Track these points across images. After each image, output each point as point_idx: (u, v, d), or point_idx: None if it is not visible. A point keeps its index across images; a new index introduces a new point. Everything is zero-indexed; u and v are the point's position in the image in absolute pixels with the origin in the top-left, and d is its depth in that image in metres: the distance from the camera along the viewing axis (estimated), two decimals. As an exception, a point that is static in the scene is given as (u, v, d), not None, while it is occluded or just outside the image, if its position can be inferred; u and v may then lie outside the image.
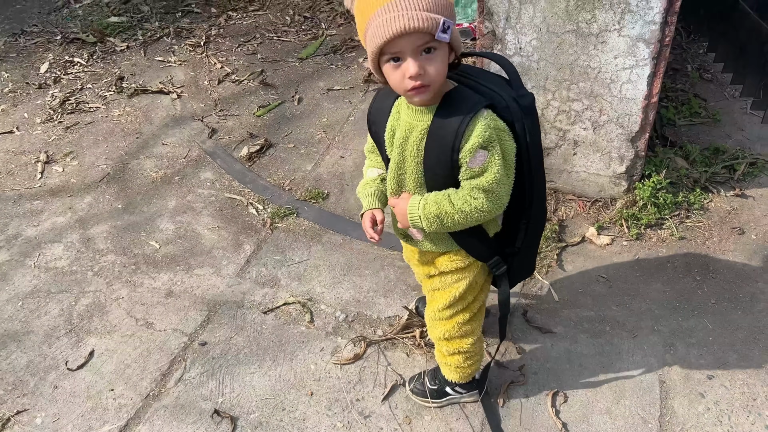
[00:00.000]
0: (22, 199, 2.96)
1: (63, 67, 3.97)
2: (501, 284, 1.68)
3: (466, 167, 1.37)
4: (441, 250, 1.63)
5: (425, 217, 1.46)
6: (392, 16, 1.20)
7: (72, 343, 2.26)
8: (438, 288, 1.69)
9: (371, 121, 1.56)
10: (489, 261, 1.63)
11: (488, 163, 1.36)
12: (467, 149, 1.34)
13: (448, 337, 1.74)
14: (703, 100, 3.10)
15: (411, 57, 1.25)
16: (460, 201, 1.41)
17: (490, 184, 1.37)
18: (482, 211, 1.41)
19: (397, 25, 1.20)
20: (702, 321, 2.16)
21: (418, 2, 1.21)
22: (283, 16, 4.33)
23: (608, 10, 2.14)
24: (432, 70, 1.27)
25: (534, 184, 1.49)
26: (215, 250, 2.59)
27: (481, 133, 1.33)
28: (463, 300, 1.68)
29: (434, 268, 1.67)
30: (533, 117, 1.43)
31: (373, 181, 1.64)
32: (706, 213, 2.54)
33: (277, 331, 2.23)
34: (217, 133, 3.30)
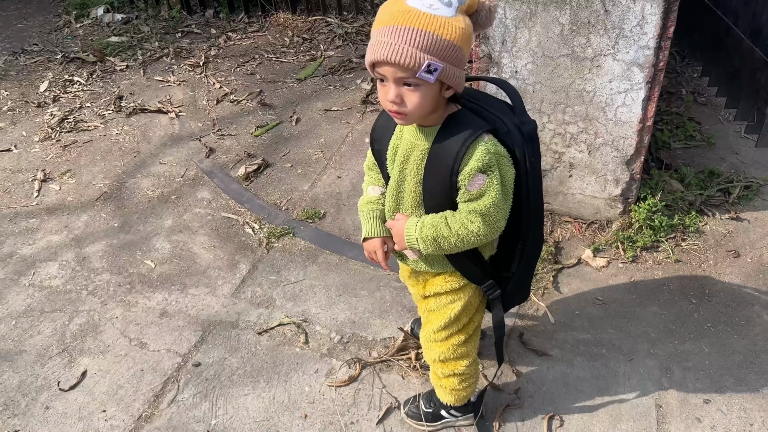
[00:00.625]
0: (18, 217, 2.96)
1: (62, 86, 3.99)
2: (494, 308, 1.68)
3: (464, 190, 1.38)
4: (435, 271, 1.63)
5: (422, 239, 1.46)
6: (384, 41, 1.22)
7: (65, 363, 2.24)
8: (433, 309, 1.69)
9: (374, 138, 1.57)
10: (483, 284, 1.62)
11: (486, 187, 1.37)
12: (466, 172, 1.35)
13: (443, 359, 1.73)
14: (698, 123, 3.13)
15: (392, 82, 1.28)
16: (456, 224, 1.41)
17: (487, 208, 1.38)
18: (478, 235, 1.41)
19: (381, 52, 1.22)
20: (698, 344, 2.15)
21: (412, 37, 1.21)
22: (282, 38, 4.37)
23: (603, 35, 2.16)
24: (410, 102, 1.29)
25: (531, 210, 1.49)
26: (211, 270, 2.59)
27: (481, 157, 1.34)
28: (458, 321, 1.68)
29: (429, 289, 1.67)
30: (534, 144, 1.44)
31: (377, 201, 1.64)
32: (702, 236, 2.55)
33: (272, 352, 2.21)
34: (214, 152, 3.31)
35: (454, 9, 1.24)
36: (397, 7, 1.24)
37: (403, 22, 1.21)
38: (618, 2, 2.07)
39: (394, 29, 1.22)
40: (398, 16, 1.22)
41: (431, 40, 1.21)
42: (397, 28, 1.22)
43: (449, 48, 1.23)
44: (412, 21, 1.21)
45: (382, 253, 1.61)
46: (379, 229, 1.62)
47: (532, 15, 2.21)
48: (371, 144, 1.59)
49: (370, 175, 1.68)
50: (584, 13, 2.14)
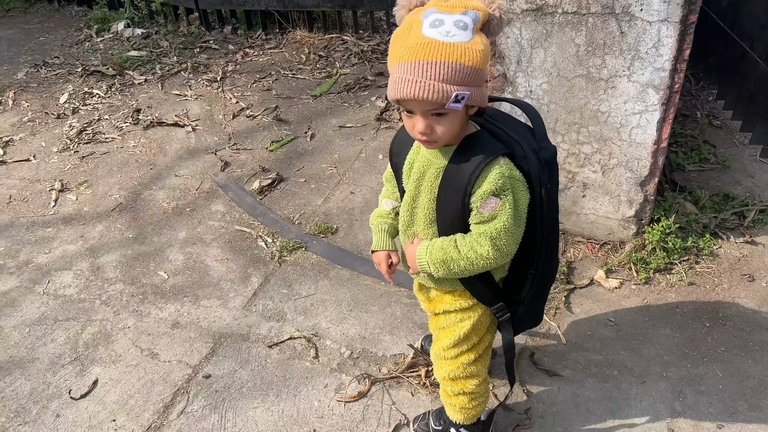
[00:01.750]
0: (35, 226, 3.00)
1: (82, 99, 4.05)
2: (504, 331, 1.67)
3: (476, 212, 1.38)
4: (445, 289, 1.63)
5: (432, 262, 1.47)
6: (408, 78, 1.22)
7: (76, 371, 2.25)
8: (443, 326, 1.69)
9: (393, 152, 1.59)
10: (493, 306, 1.62)
11: (498, 211, 1.37)
12: (479, 194, 1.36)
13: (453, 377, 1.73)
14: (713, 146, 3.12)
15: (421, 116, 1.30)
16: (466, 247, 1.41)
17: (498, 231, 1.38)
18: (488, 259, 1.41)
19: (408, 91, 1.23)
20: (712, 368, 2.13)
21: (439, 71, 1.21)
22: (299, 55, 4.42)
23: (618, 57, 2.17)
24: (440, 130, 1.31)
25: (544, 237, 1.48)
26: (223, 282, 2.60)
27: (495, 180, 1.34)
28: (468, 340, 1.67)
29: (439, 306, 1.67)
30: (552, 170, 1.43)
31: (387, 215, 1.66)
32: (716, 259, 2.53)
33: (282, 366, 2.22)
34: (229, 166, 3.34)
35: (470, 31, 1.24)
36: (414, 40, 1.23)
37: (424, 56, 1.21)
38: (634, 24, 2.09)
39: (417, 65, 1.22)
40: (417, 51, 1.22)
41: (455, 70, 1.22)
42: (419, 63, 1.21)
43: (473, 73, 1.24)
44: (432, 54, 1.21)
45: (385, 267, 1.64)
46: (386, 243, 1.64)
47: (547, 35, 2.23)
48: (390, 156, 1.61)
49: (387, 187, 1.70)
50: (600, 35, 2.16)
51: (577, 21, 2.16)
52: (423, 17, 1.25)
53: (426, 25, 1.24)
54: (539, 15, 2.20)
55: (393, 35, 1.31)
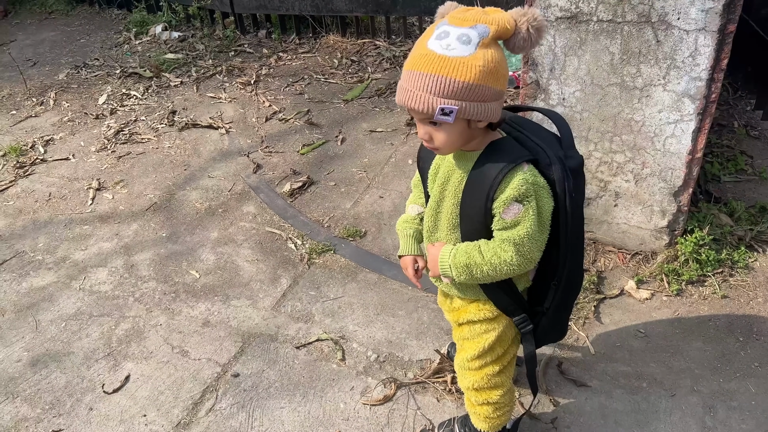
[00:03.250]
0: (73, 224, 3.08)
1: (120, 100, 4.16)
2: (525, 342, 1.64)
3: (498, 217, 1.39)
4: (469, 298, 1.63)
5: (455, 266, 1.47)
6: (403, 86, 1.29)
7: (109, 366, 2.31)
8: (467, 337, 1.68)
9: (420, 156, 1.62)
10: (515, 316, 1.60)
11: (521, 217, 1.37)
12: (501, 200, 1.36)
13: (477, 387, 1.72)
14: (750, 157, 3.06)
15: (419, 123, 1.35)
16: (489, 252, 1.41)
17: (521, 237, 1.37)
18: (511, 265, 1.40)
19: (400, 98, 1.31)
20: (744, 384, 2.09)
21: (426, 83, 1.25)
22: (331, 59, 4.47)
23: (653, 65, 2.15)
24: (438, 138, 1.35)
25: (568, 246, 1.46)
26: (253, 283, 2.64)
27: (518, 186, 1.34)
28: (493, 352, 1.66)
29: (463, 316, 1.66)
30: (578, 179, 1.42)
31: (413, 221, 1.69)
32: (751, 272, 2.48)
33: (309, 367, 2.24)
34: (261, 168, 3.39)
35: (473, 46, 1.23)
36: (419, 51, 1.28)
37: (420, 67, 1.26)
38: (670, 33, 2.07)
39: (412, 75, 1.27)
40: (417, 61, 1.27)
41: (443, 84, 1.23)
42: (413, 73, 1.26)
43: (465, 89, 1.24)
44: (426, 66, 1.25)
45: (412, 271, 1.67)
46: (412, 247, 1.67)
47: (582, 43, 2.22)
48: (417, 161, 1.63)
49: (415, 193, 1.72)
50: (635, 43, 2.14)
51: (612, 29, 2.15)
52: (436, 28, 1.28)
53: (433, 36, 1.27)
54: (573, 23, 2.19)
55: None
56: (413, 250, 1.67)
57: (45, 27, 5.58)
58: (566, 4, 2.17)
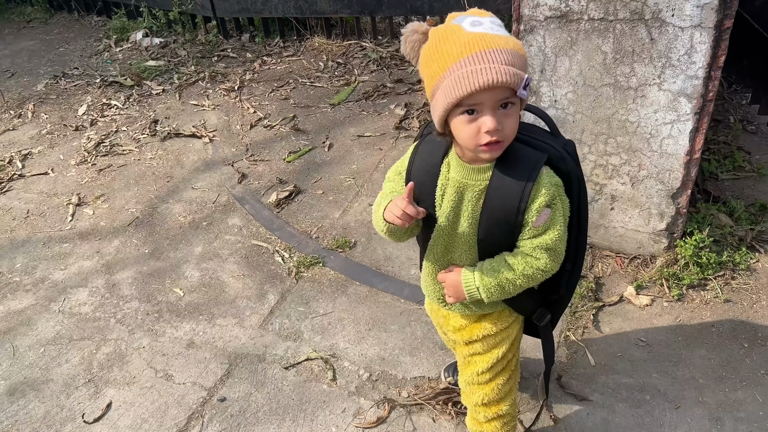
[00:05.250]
0: (52, 242, 2.97)
1: (100, 110, 4.05)
2: (545, 336, 1.62)
3: (529, 227, 1.33)
4: (486, 311, 1.55)
5: (484, 288, 1.39)
6: (478, 68, 1.16)
7: (90, 393, 2.21)
8: (480, 352, 1.61)
9: (418, 181, 1.42)
10: (535, 313, 1.56)
11: (551, 221, 1.33)
12: (534, 209, 1.31)
13: (487, 401, 1.65)
14: (747, 153, 2.98)
15: (489, 111, 1.20)
16: (520, 264, 1.36)
17: (553, 241, 1.34)
18: (545, 271, 1.37)
19: (484, 78, 1.15)
20: (751, 393, 2.01)
21: (504, 56, 1.17)
22: (317, 62, 4.37)
23: (648, 64, 2.07)
24: (508, 126, 1.24)
25: (582, 232, 1.46)
26: (239, 300, 2.54)
27: (547, 192, 1.30)
28: (504, 360, 1.61)
29: (476, 333, 1.58)
30: (579, 163, 1.42)
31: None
32: (753, 274, 2.40)
33: (298, 389, 2.15)
34: (246, 178, 3.29)
35: (504, 29, 1.23)
36: (464, 38, 1.19)
37: (486, 46, 1.17)
38: (665, 30, 1.98)
39: (482, 54, 1.16)
40: (474, 44, 1.17)
41: (516, 56, 1.19)
42: (485, 52, 1.16)
43: (525, 61, 1.22)
44: (492, 43, 1.17)
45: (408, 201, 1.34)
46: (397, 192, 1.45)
47: (573, 43, 2.13)
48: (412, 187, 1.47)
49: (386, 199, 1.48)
50: (628, 42, 2.05)
51: (603, 28, 2.06)
52: (458, 22, 1.22)
53: (467, 25, 1.20)
54: (564, 22, 2.10)
55: (428, 49, 1.24)
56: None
57: (23, 36, 5.45)
58: (556, 2, 2.08)
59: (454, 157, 1.37)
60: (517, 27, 2.19)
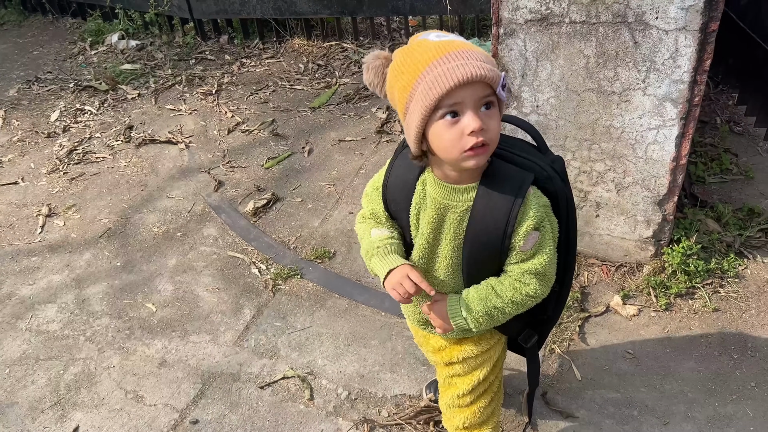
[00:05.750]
0: (20, 255, 2.86)
1: (73, 116, 3.92)
2: (530, 357, 1.57)
3: (517, 251, 1.26)
4: (468, 334, 1.48)
5: (472, 318, 1.32)
6: (455, 65, 1.09)
7: (57, 417, 2.11)
8: (460, 374, 1.54)
9: (390, 199, 1.37)
10: (521, 335, 1.50)
11: (540, 244, 1.26)
12: (521, 233, 1.23)
13: (468, 425, 1.59)
14: (734, 155, 2.93)
15: (471, 111, 1.12)
16: (509, 291, 1.28)
17: (543, 266, 1.27)
18: (535, 297, 1.30)
19: (461, 72, 1.09)
20: (741, 407, 1.95)
21: (478, 55, 1.12)
22: (297, 64, 4.27)
23: (632, 68, 1.99)
24: (492, 127, 1.15)
25: (571, 252, 1.40)
26: (213, 315, 2.45)
27: (535, 214, 1.23)
28: (486, 382, 1.55)
29: (456, 355, 1.52)
30: (565, 178, 1.34)
31: (389, 238, 1.38)
32: (742, 281, 2.34)
33: (274, 409, 2.06)
34: (223, 185, 3.19)
35: None
36: (433, 45, 1.13)
37: (455, 48, 1.12)
38: (649, 34, 1.91)
39: (454, 55, 1.10)
40: (444, 47, 1.12)
41: (487, 59, 1.13)
42: (455, 53, 1.11)
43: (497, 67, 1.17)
44: (460, 47, 1.12)
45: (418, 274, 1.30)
46: (398, 259, 1.35)
47: (554, 47, 2.05)
48: (385, 204, 1.39)
49: (368, 222, 1.44)
50: (611, 45, 1.98)
51: (586, 31, 1.99)
52: (422, 37, 1.17)
53: (433, 38, 1.15)
54: (544, 25, 2.03)
55: (395, 65, 1.18)
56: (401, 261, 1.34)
57: (-4, 39, 5.30)
58: (536, 5, 2.00)
59: (429, 176, 1.29)
60: (496, 30, 2.11)
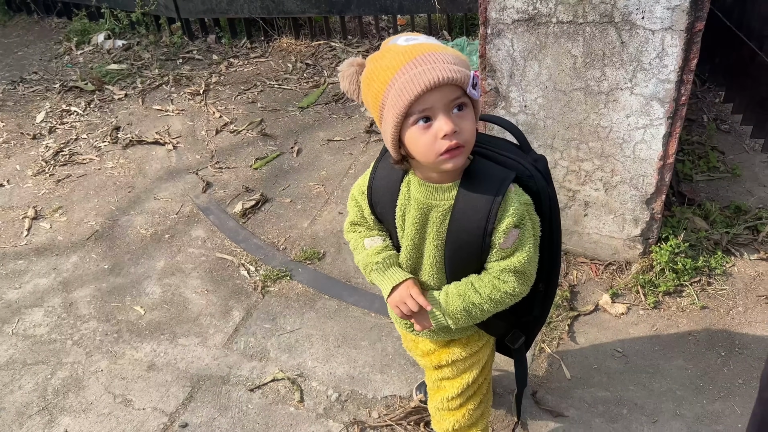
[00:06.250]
0: (6, 259, 2.83)
1: (59, 117, 3.89)
2: (518, 357, 1.57)
3: (497, 248, 1.26)
4: (455, 336, 1.48)
5: (450, 314, 1.32)
6: (422, 69, 1.09)
7: (44, 422, 2.09)
8: (449, 377, 1.54)
9: (374, 201, 1.38)
10: (507, 336, 1.50)
11: (520, 242, 1.26)
12: (501, 230, 1.23)
13: (458, 428, 1.59)
14: (721, 153, 2.94)
15: (443, 114, 1.12)
16: (487, 288, 1.28)
17: (522, 264, 1.26)
18: (513, 295, 1.30)
19: (429, 77, 1.09)
20: (729, 404, 1.96)
21: (447, 57, 1.12)
22: (285, 63, 4.25)
23: (619, 68, 2.00)
24: (466, 128, 1.15)
25: (555, 252, 1.40)
26: (202, 317, 2.44)
27: (515, 212, 1.23)
28: (475, 384, 1.55)
29: (445, 358, 1.52)
30: (548, 178, 1.34)
31: (384, 249, 1.39)
32: (730, 279, 2.36)
33: (264, 412, 2.05)
34: (211, 186, 3.17)
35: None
36: (401, 50, 1.13)
37: (422, 51, 1.11)
38: (635, 33, 1.91)
39: (421, 59, 1.10)
40: (411, 52, 1.12)
41: (457, 59, 1.13)
42: (422, 57, 1.10)
43: (468, 65, 1.15)
44: (430, 49, 1.12)
45: (418, 291, 1.34)
46: (403, 274, 1.37)
47: (542, 47, 2.06)
48: (371, 206, 1.39)
49: (358, 231, 1.45)
50: (599, 45, 1.98)
51: (573, 31, 1.99)
52: (392, 42, 1.16)
53: (401, 42, 1.15)
54: (532, 25, 2.03)
55: (367, 73, 1.17)
56: (405, 276, 1.36)
57: (-19, 39, 5.24)
58: (523, 5, 2.00)
59: (413, 177, 1.30)
60: (484, 30, 2.10)
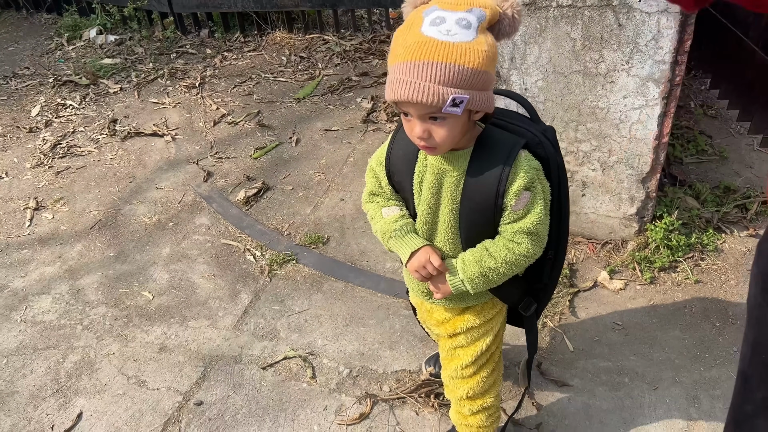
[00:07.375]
0: (10, 248, 2.85)
1: (55, 110, 3.89)
2: (529, 325, 1.62)
3: (509, 211, 1.32)
4: (471, 303, 1.54)
5: (468, 279, 1.38)
6: (404, 79, 1.14)
7: (59, 404, 2.12)
8: (463, 345, 1.59)
9: (392, 171, 1.43)
10: (520, 303, 1.55)
11: (531, 204, 1.32)
12: (513, 192, 1.29)
13: (472, 395, 1.63)
14: (709, 137, 3.05)
15: (418, 120, 1.20)
16: (502, 251, 1.34)
17: (534, 225, 1.32)
18: (527, 257, 1.35)
19: (402, 92, 1.14)
20: (725, 371, 2.05)
21: (433, 73, 1.12)
22: (279, 57, 4.29)
23: (616, 50, 2.08)
24: (438, 135, 1.22)
25: (563, 217, 1.46)
26: (211, 301, 2.48)
27: (525, 175, 1.28)
28: (488, 352, 1.60)
29: (460, 326, 1.57)
30: (558, 149, 1.41)
31: (402, 217, 1.45)
32: (721, 254, 2.46)
33: (277, 389, 2.10)
34: (212, 176, 3.21)
35: (474, 30, 1.13)
36: (413, 39, 1.14)
37: (421, 56, 1.12)
38: (632, 16, 2.00)
39: (413, 65, 1.13)
40: (415, 50, 1.13)
41: (453, 72, 1.12)
42: (415, 64, 1.12)
43: (473, 76, 1.14)
44: (430, 54, 1.12)
45: (438, 258, 1.40)
46: (421, 239, 1.43)
47: (542, 31, 2.13)
48: (388, 175, 1.44)
49: (376, 201, 1.50)
50: (597, 28, 2.06)
51: (572, 14, 2.07)
52: (425, 14, 1.16)
53: (426, 23, 1.15)
54: (532, 9, 2.10)
55: (395, 32, 1.21)
56: (422, 242, 1.42)
57: (-32, 36, 5.21)
58: (524, -10, 2.08)
59: None
60: (486, 15, 2.17)
